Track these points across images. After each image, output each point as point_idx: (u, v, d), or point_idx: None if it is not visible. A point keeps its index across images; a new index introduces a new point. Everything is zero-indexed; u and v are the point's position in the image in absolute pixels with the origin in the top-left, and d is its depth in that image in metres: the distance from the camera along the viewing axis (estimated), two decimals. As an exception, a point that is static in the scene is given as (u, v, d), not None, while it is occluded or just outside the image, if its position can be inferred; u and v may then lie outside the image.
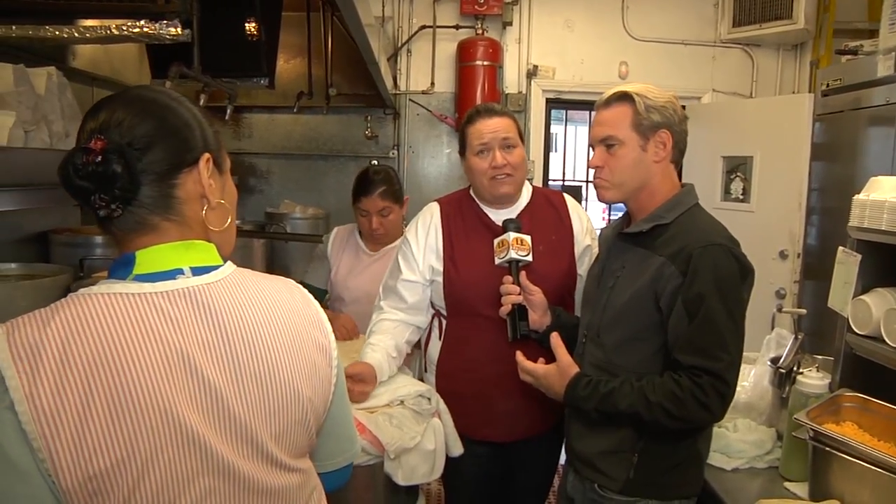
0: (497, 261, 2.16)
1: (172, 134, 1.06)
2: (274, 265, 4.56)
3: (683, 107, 1.95)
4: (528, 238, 2.15)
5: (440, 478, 2.26)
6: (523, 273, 2.14)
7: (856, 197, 2.03)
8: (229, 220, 1.15)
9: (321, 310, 1.22)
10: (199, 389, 0.99)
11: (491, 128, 2.25)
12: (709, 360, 1.70)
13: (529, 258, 2.14)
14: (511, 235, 2.14)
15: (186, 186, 1.07)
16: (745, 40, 5.16)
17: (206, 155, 1.10)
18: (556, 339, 1.97)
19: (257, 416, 1.05)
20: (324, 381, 1.17)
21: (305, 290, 1.21)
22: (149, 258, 1.03)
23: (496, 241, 2.18)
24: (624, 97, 1.87)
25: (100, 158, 0.98)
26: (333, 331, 1.23)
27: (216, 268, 1.09)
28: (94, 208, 1.01)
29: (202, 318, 1.02)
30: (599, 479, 1.90)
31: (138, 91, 1.09)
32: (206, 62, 2.89)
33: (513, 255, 2.12)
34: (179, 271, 1.04)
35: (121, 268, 1.03)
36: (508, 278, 2.13)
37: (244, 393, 1.04)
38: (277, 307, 1.12)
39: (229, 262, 1.13)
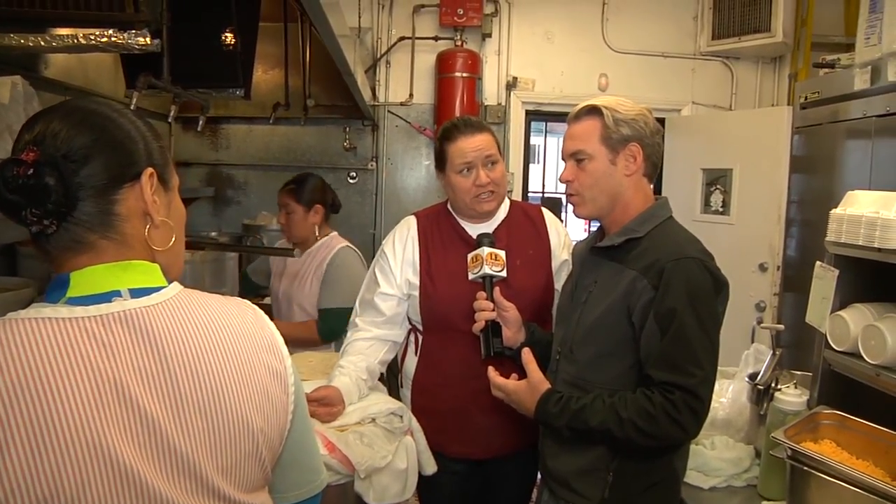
0: (471, 276, 2.13)
1: (113, 147, 1.00)
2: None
3: (662, 120, 1.94)
4: (502, 253, 2.12)
5: (416, 494, 2.22)
6: (497, 289, 2.10)
7: (833, 211, 2.02)
8: (174, 239, 1.08)
9: (277, 332, 1.14)
10: (135, 421, 0.92)
11: (474, 145, 2.22)
12: (681, 375, 1.67)
13: (503, 274, 2.11)
14: (485, 250, 2.10)
15: (128, 203, 1.01)
16: (725, 53, 5.18)
17: (150, 170, 1.04)
18: (527, 355, 1.94)
19: (202, 449, 0.98)
20: (278, 409, 1.10)
21: (260, 312, 1.15)
22: (84, 280, 0.97)
23: (470, 255, 2.14)
24: (593, 111, 1.87)
25: (31, 171, 0.92)
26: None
27: (159, 289, 1.02)
28: (26, 224, 0.95)
29: (140, 344, 0.95)
30: (574, 499, 1.87)
31: (78, 102, 1.03)
32: (182, 72, 2.85)
33: (486, 270, 2.09)
34: (116, 293, 0.97)
35: (55, 290, 0.97)
36: (482, 294, 2.09)
37: (186, 424, 0.97)
38: (226, 331, 1.05)
39: (175, 284, 1.06)
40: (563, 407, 1.80)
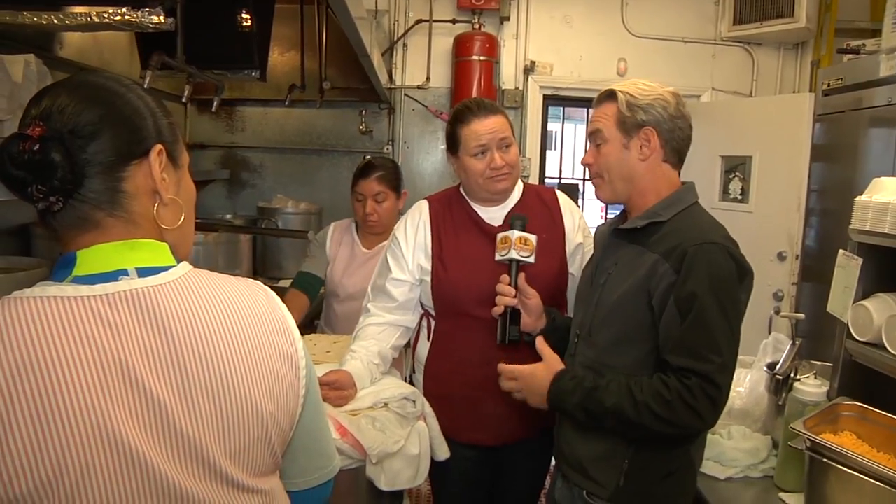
0: (497, 257, 2.08)
1: (121, 122, 0.98)
2: (266, 260, 4.51)
3: (683, 104, 1.90)
4: (532, 238, 2.07)
5: (428, 480, 2.21)
6: (522, 275, 2.06)
7: (858, 198, 1.97)
8: (183, 218, 1.06)
9: (289, 315, 1.13)
10: (141, 403, 0.91)
11: (488, 128, 2.18)
12: (699, 361, 1.64)
13: (531, 259, 2.06)
14: (515, 234, 2.05)
15: (136, 180, 1.00)
16: (746, 38, 5.10)
17: (159, 146, 1.02)
18: (540, 342, 1.93)
19: (209, 432, 0.96)
20: (289, 394, 1.08)
21: (272, 293, 1.13)
22: (90, 258, 0.95)
23: (499, 236, 2.09)
24: (611, 95, 1.86)
25: (37, 146, 0.91)
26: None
27: (167, 269, 1.00)
28: (31, 200, 0.94)
29: (146, 324, 0.94)
30: (588, 486, 1.84)
31: (86, 77, 1.02)
32: (197, 53, 2.84)
33: (514, 254, 2.04)
34: (123, 272, 0.96)
35: (61, 269, 0.96)
36: (505, 278, 2.05)
37: (194, 407, 0.95)
38: (235, 312, 1.03)
39: (184, 263, 1.04)
40: (577, 384, 1.78)
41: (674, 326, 1.68)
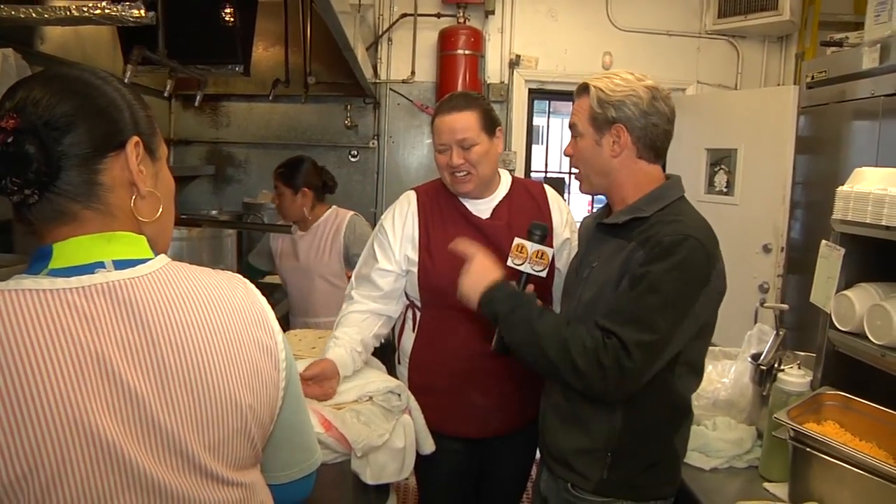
0: (509, 262, 2.04)
1: (97, 114, 0.97)
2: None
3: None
4: (549, 252, 2.05)
5: (414, 473, 2.20)
6: (531, 286, 2.03)
7: (840, 189, 1.98)
8: (161, 211, 1.05)
9: (268, 307, 1.12)
10: (118, 396, 0.90)
11: (448, 126, 2.19)
12: (624, 329, 1.61)
13: (543, 274, 2.05)
14: (533, 247, 2.03)
15: (112, 172, 0.98)
16: (731, 31, 5.11)
17: (135, 138, 1.01)
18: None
19: (188, 425, 0.96)
20: (268, 386, 1.07)
21: (251, 286, 1.12)
22: (66, 251, 0.95)
23: (517, 242, 2.05)
24: (585, 89, 1.85)
25: (11, 139, 0.90)
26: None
27: (144, 261, 0.99)
28: (6, 193, 0.92)
29: (123, 317, 0.93)
30: (573, 478, 1.85)
31: (61, 69, 1.00)
32: (179, 48, 2.82)
33: (527, 268, 2.02)
34: (100, 265, 0.95)
35: (37, 262, 0.95)
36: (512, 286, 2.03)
37: (172, 400, 0.94)
38: (214, 304, 1.02)
39: (162, 256, 1.03)
40: (514, 295, 1.81)
41: (621, 296, 1.68)
